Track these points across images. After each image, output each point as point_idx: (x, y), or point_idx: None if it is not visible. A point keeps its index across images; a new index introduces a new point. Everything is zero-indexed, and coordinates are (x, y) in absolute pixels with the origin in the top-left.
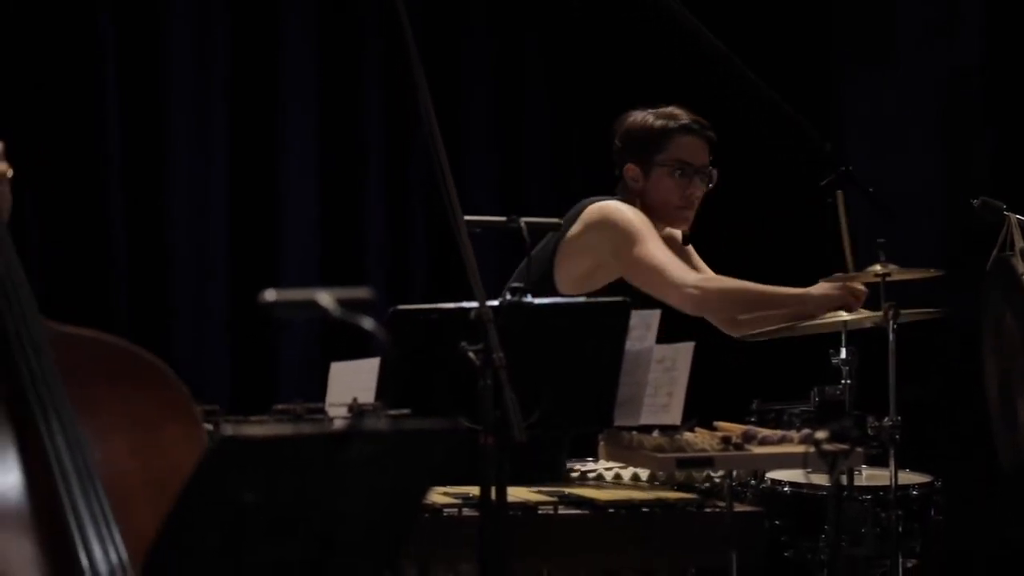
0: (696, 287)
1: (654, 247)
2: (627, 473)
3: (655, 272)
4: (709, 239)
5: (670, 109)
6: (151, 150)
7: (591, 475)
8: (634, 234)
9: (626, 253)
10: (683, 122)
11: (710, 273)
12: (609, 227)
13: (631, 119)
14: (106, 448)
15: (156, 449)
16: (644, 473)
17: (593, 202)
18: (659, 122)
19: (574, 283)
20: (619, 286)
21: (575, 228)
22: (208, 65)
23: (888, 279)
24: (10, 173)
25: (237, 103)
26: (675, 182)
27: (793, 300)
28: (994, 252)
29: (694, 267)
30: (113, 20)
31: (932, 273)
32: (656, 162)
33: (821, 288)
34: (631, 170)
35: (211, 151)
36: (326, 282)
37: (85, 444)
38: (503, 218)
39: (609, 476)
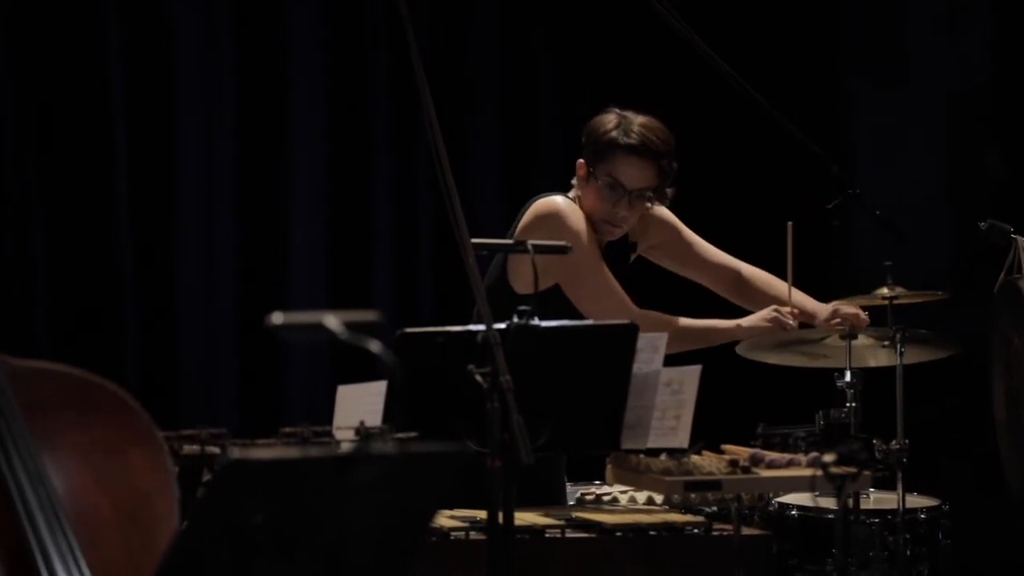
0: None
1: (598, 266)
2: (642, 496)
3: (597, 296)
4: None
5: (632, 121)
6: (158, 169)
7: (606, 498)
8: (580, 247)
9: (571, 266)
10: (630, 141)
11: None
12: (551, 227)
13: (598, 117)
14: (71, 479)
15: (121, 477)
16: (659, 497)
17: (539, 198)
18: (612, 133)
19: (521, 283)
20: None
21: (521, 224)
22: (215, 87)
23: (896, 302)
24: None
25: (245, 126)
26: (605, 196)
27: (721, 335)
28: (1001, 275)
29: (695, 255)
30: (120, 34)
31: (939, 296)
32: (596, 170)
33: (752, 320)
34: (581, 167)
35: (218, 172)
36: (334, 305)
37: (48, 478)
38: (510, 240)
39: (624, 499)
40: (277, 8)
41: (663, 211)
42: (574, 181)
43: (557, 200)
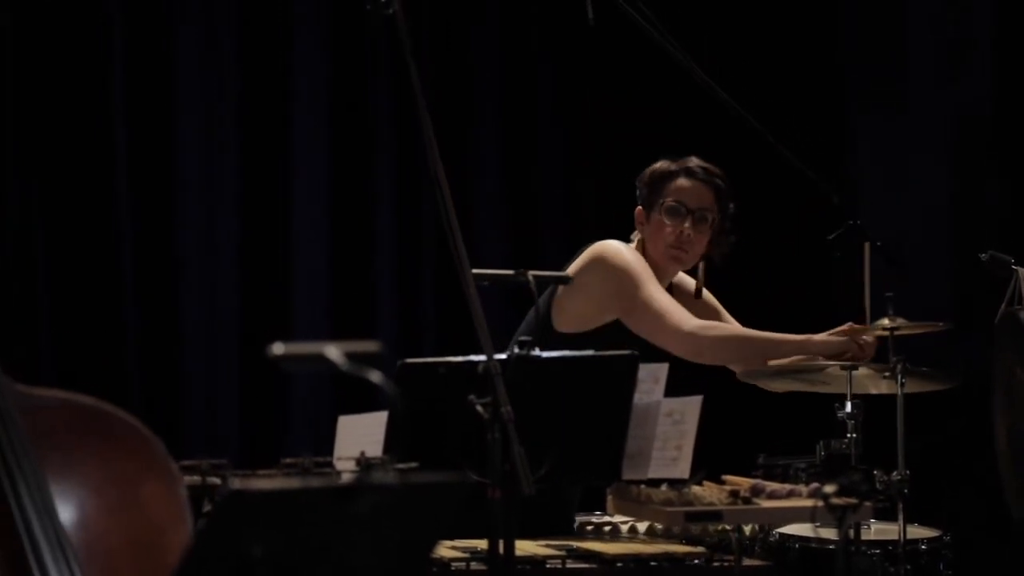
0: (694, 334)
1: (654, 290)
2: (642, 526)
3: (655, 317)
4: (721, 288)
5: (686, 158)
6: (161, 204)
7: (607, 528)
8: (633, 276)
9: (626, 295)
10: (687, 166)
11: (732, 321)
12: (607, 267)
13: (651, 166)
14: (84, 511)
15: (135, 508)
16: (659, 527)
17: (594, 242)
18: (667, 166)
19: (571, 322)
20: (615, 329)
21: (574, 266)
22: (218, 126)
23: (896, 333)
24: None
25: (249, 152)
26: (669, 221)
27: (794, 347)
28: (1002, 306)
29: (715, 316)
30: (122, 34)
31: (941, 327)
32: (656, 204)
33: (823, 336)
34: (639, 213)
35: (222, 205)
36: (335, 335)
37: (55, 511)
38: (511, 271)
39: (624, 529)
40: (279, 10)
41: (708, 295)
42: (633, 235)
43: (611, 241)
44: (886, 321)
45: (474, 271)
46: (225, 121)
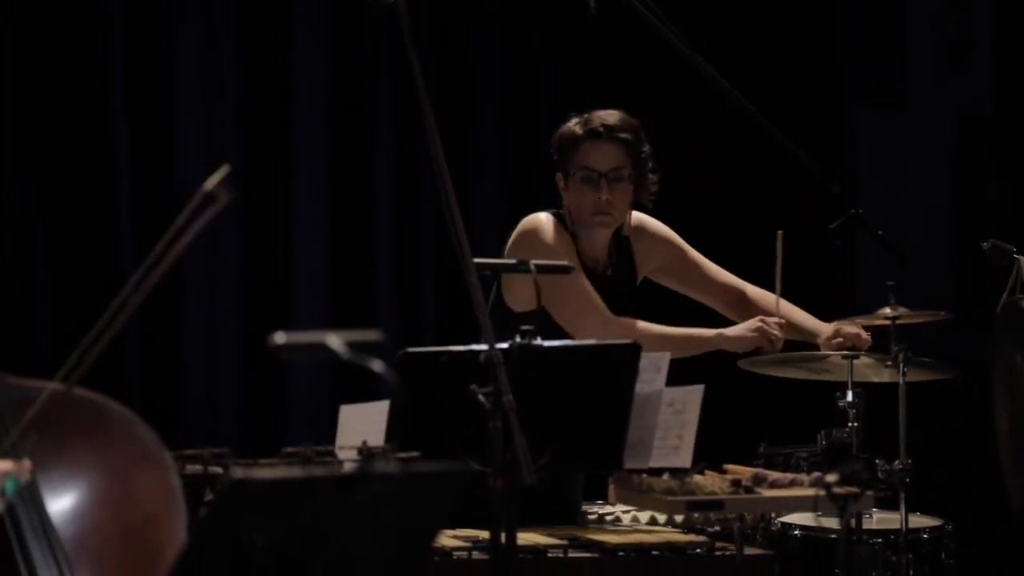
0: (607, 331)
1: (577, 279)
2: (644, 516)
3: (576, 313)
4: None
5: (590, 114)
6: (162, 191)
7: (609, 518)
8: (550, 257)
9: (547, 279)
10: (590, 127)
11: (727, 277)
12: (528, 243)
13: (560, 128)
14: (76, 501)
15: (127, 499)
16: (662, 516)
17: (528, 217)
18: (573, 129)
19: (518, 302)
20: None
21: (509, 243)
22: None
23: (898, 322)
24: None
25: (249, 144)
26: (584, 190)
27: (701, 344)
28: (1004, 296)
29: (701, 275)
30: (123, 43)
31: (942, 316)
32: (570, 169)
33: (736, 330)
34: (559, 179)
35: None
36: (336, 324)
37: (43, 503)
38: (512, 260)
39: (627, 519)
40: (279, 9)
41: (667, 231)
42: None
43: (538, 216)
44: (888, 310)
45: (476, 260)
46: (225, 120)
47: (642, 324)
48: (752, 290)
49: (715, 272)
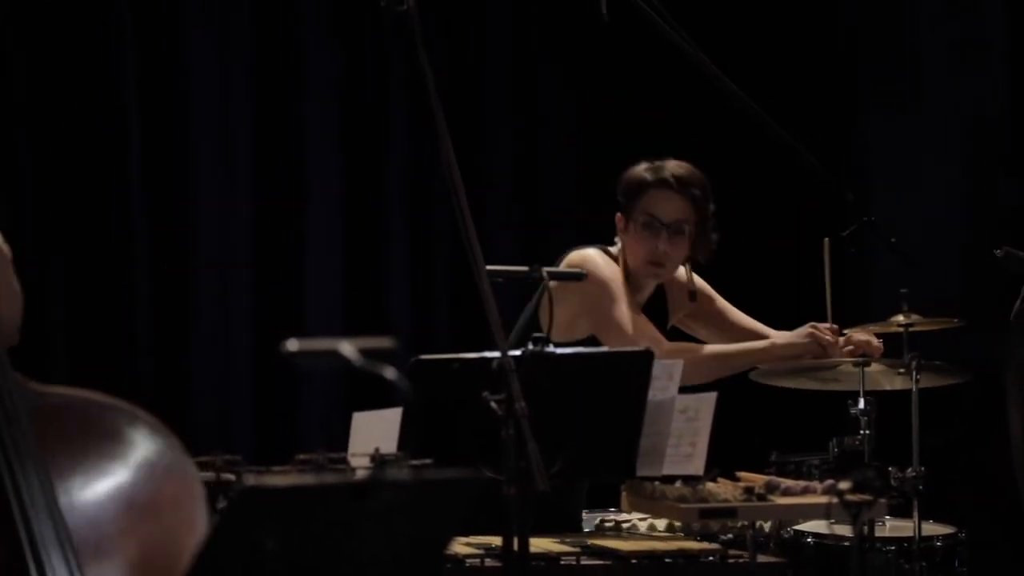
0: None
1: (624, 311)
2: (661, 523)
3: (619, 339)
4: (732, 286)
5: (662, 162)
6: (176, 198)
7: (625, 525)
8: (609, 293)
9: (599, 311)
10: (661, 176)
11: (726, 310)
12: (585, 281)
13: (629, 169)
14: (97, 508)
15: (149, 507)
16: (677, 523)
17: (574, 251)
18: (643, 174)
19: (557, 331)
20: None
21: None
22: (231, 117)
23: (911, 329)
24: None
25: (262, 151)
26: (644, 236)
27: (757, 356)
28: (1017, 303)
29: (710, 307)
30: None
31: (955, 323)
32: (632, 213)
33: (785, 336)
34: (619, 219)
35: (236, 199)
36: (349, 332)
37: (59, 513)
38: (525, 268)
39: (643, 527)
40: (290, 11)
41: (698, 281)
42: (617, 238)
43: (588, 251)
44: (901, 317)
45: (488, 267)
46: (238, 123)
47: (696, 346)
48: (777, 335)
49: (742, 320)
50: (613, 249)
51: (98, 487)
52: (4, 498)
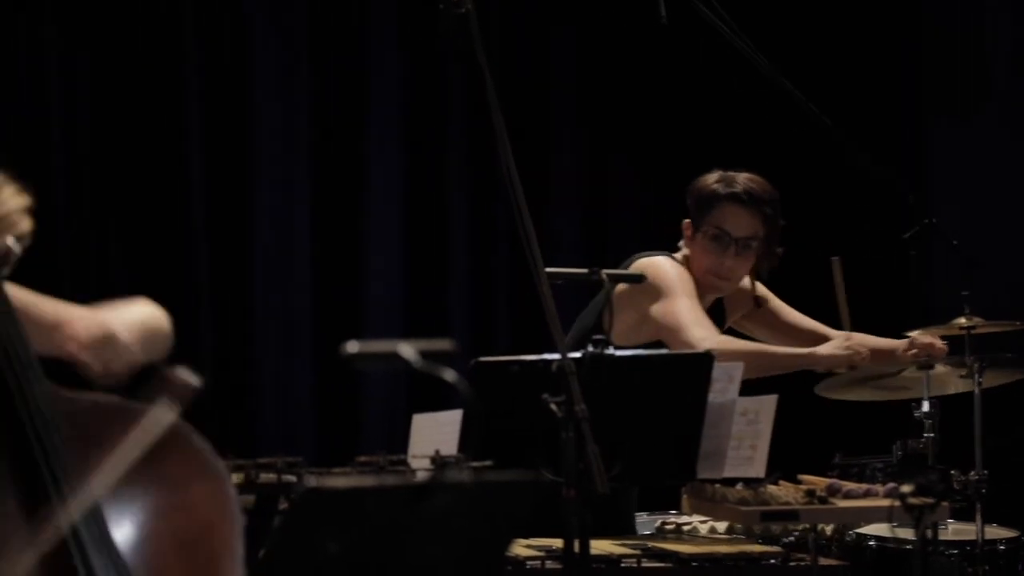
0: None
1: (681, 305)
2: (722, 526)
3: (673, 329)
4: (794, 289)
5: (734, 174)
6: (236, 204)
7: (686, 528)
8: (666, 290)
9: (654, 309)
10: (734, 190)
11: (786, 314)
12: (648, 285)
13: (700, 177)
14: (134, 512)
15: (183, 510)
16: (739, 526)
17: (641, 257)
18: (715, 185)
19: (621, 336)
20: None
21: (622, 284)
22: (293, 127)
23: (973, 331)
24: (16, 249)
25: (322, 152)
26: (711, 248)
27: (801, 361)
28: None
29: (783, 322)
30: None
31: (1018, 326)
32: (702, 224)
33: (828, 348)
34: (686, 226)
35: (296, 206)
36: (409, 334)
37: (102, 516)
38: (585, 270)
39: (704, 529)
40: (353, 9)
41: (765, 293)
42: (681, 243)
43: (657, 257)
44: (963, 320)
45: (547, 270)
46: (300, 120)
47: (736, 343)
48: (833, 335)
49: (798, 319)
50: (678, 256)
51: (133, 491)
52: (48, 502)
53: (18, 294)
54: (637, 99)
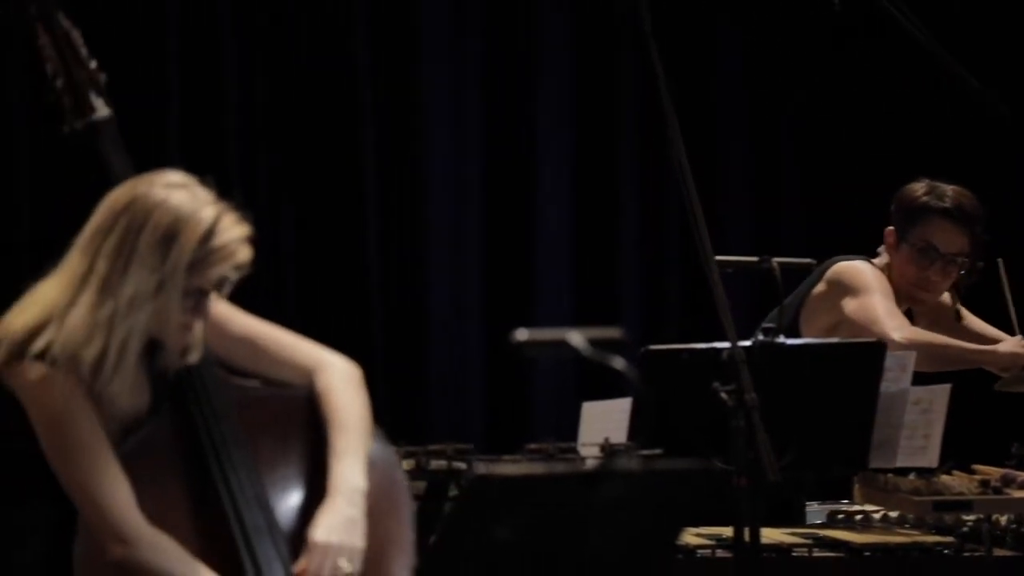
0: (902, 342)
1: (874, 299)
2: (893, 515)
3: (867, 324)
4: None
5: (943, 187)
6: (407, 192)
7: (858, 517)
8: (862, 289)
9: (848, 307)
10: (944, 205)
11: (991, 331)
12: (847, 288)
13: (908, 186)
14: (301, 498)
15: None
16: (911, 516)
17: (838, 261)
18: (924, 198)
19: (818, 335)
20: None
21: (820, 287)
22: (463, 108)
23: None
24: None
25: (493, 143)
26: (916, 260)
27: (983, 358)
28: None
29: (972, 332)
30: (370, 58)
31: None
32: (908, 235)
33: (1007, 346)
34: (889, 234)
35: (467, 192)
36: (579, 322)
37: (267, 503)
38: (755, 258)
39: (876, 519)
40: (522, 7)
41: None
42: (880, 249)
43: (856, 262)
44: None
45: (717, 258)
46: (470, 116)
47: (931, 335)
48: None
49: (975, 324)
50: (877, 261)
51: (301, 478)
52: (216, 491)
53: None
54: (810, 85)
